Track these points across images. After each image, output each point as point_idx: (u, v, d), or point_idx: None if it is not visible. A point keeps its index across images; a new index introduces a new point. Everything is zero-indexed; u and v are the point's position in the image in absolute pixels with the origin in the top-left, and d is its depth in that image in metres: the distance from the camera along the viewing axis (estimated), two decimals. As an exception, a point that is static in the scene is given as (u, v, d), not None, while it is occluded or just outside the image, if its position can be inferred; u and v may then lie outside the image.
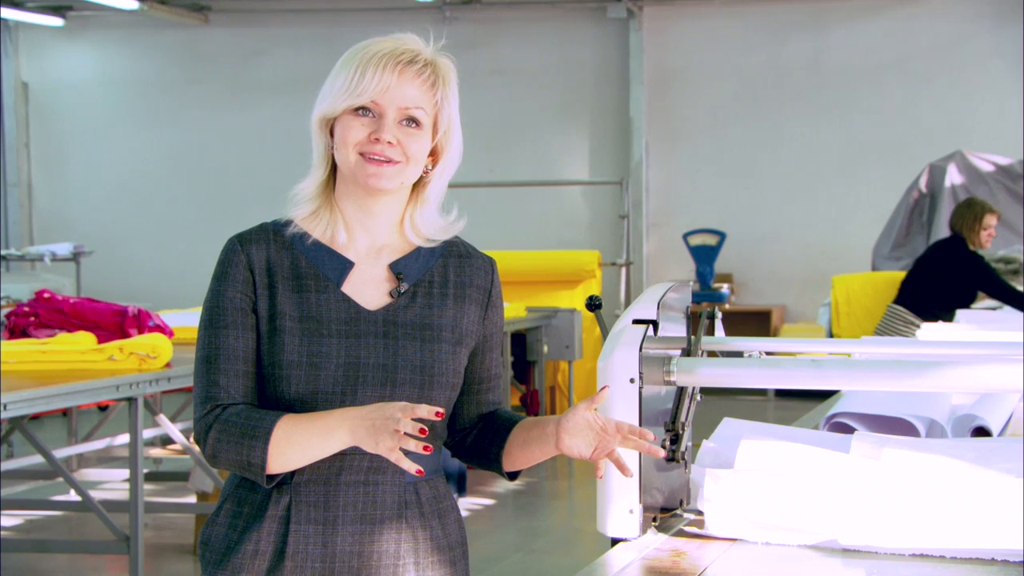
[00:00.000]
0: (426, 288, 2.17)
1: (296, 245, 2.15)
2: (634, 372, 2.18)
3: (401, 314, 2.13)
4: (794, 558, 2.11)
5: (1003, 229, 10.67)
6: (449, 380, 2.13)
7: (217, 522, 2.15)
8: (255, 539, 2.10)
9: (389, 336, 2.11)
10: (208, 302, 2.14)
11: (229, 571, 2.10)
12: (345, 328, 2.10)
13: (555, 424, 2.09)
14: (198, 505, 6.58)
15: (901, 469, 2.17)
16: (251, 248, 2.14)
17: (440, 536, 2.16)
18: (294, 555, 2.08)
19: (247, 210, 14.42)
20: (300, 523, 2.09)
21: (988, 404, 2.99)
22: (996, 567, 2.03)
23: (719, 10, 13.45)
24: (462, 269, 2.21)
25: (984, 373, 2.18)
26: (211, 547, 2.14)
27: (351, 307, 2.12)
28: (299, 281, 2.13)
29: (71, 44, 14.78)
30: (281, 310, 2.10)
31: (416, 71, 2.11)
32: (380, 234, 2.18)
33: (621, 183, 12.57)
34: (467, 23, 13.77)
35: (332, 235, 2.16)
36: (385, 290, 2.15)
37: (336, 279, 2.13)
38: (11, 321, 6.12)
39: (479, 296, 2.21)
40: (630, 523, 2.18)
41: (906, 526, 2.10)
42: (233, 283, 2.12)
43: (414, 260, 2.18)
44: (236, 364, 2.10)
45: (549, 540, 7.14)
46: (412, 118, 2.11)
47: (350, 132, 2.10)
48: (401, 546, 2.12)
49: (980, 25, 12.87)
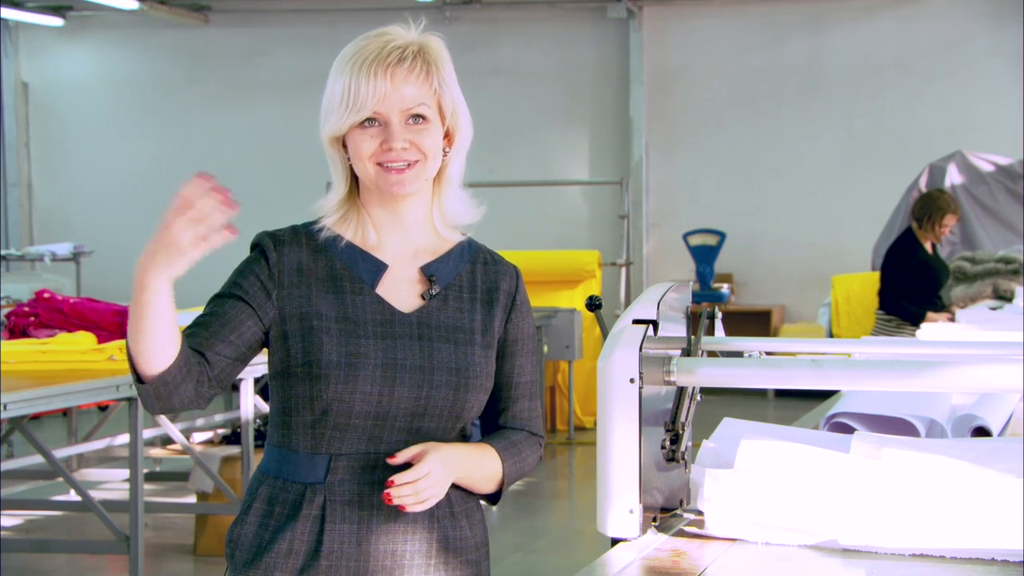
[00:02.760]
0: (456, 292, 2.19)
1: (330, 248, 2.16)
2: (634, 372, 2.18)
3: (434, 316, 2.15)
4: (794, 558, 2.11)
5: (1003, 229, 10.68)
6: (482, 383, 2.16)
7: (246, 521, 2.14)
8: (289, 538, 2.10)
9: (424, 338, 2.13)
10: (233, 273, 2.16)
11: (262, 570, 2.10)
12: (381, 330, 2.12)
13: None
14: (198, 505, 6.59)
15: (901, 469, 2.17)
16: (283, 248, 2.15)
17: (468, 536, 2.18)
18: (329, 554, 2.09)
19: (247, 210, 14.40)
20: (335, 522, 2.09)
21: (988, 404, 2.99)
22: (996, 567, 2.03)
23: (719, 10, 13.45)
24: (488, 274, 2.23)
25: (984, 373, 2.18)
26: (241, 546, 2.14)
27: (385, 309, 2.13)
28: (335, 283, 2.14)
29: (71, 44, 14.78)
30: (317, 311, 2.11)
31: (408, 68, 2.11)
32: (411, 234, 2.19)
33: (621, 183, 12.57)
34: (467, 23, 13.77)
35: (363, 236, 2.18)
36: (417, 292, 2.17)
37: (370, 281, 2.15)
38: (11, 321, 6.12)
39: (505, 300, 2.23)
40: (630, 523, 2.18)
41: (906, 526, 2.10)
42: (256, 277, 2.13)
43: (445, 263, 2.20)
44: (218, 324, 2.09)
45: (549, 540, 7.14)
46: (417, 115, 2.12)
47: (362, 147, 2.11)
48: (433, 545, 2.13)
49: (980, 25, 12.88)
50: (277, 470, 2.14)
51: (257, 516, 2.13)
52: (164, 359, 1.99)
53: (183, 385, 2.03)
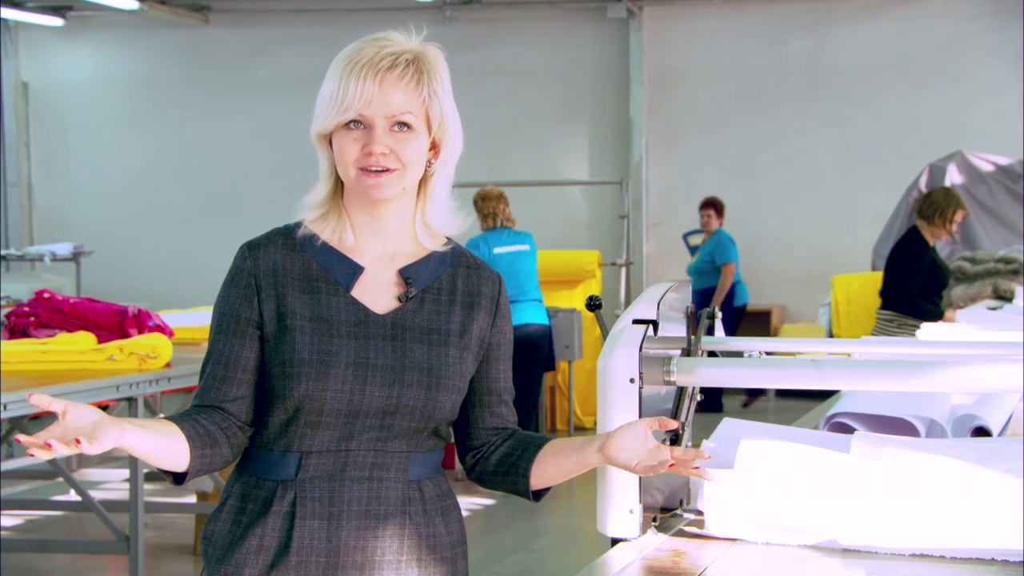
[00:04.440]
0: (435, 295, 2.19)
1: (306, 247, 2.18)
2: (634, 372, 2.18)
3: (410, 318, 2.16)
4: (794, 558, 2.11)
5: (1003, 229, 10.68)
6: (455, 383, 2.16)
7: (220, 518, 2.18)
8: (259, 534, 2.12)
9: (397, 339, 2.14)
10: (215, 306, 2.20)
11: (232, 566, 2.13)
12: (355, 330, 2.13)
13: (606, 434, 2.11)
14: (198, 505, 6.59)
15: (901, 469, 2.17)
16: (259, 252, 2.17)
17: (443, 534, 2.19)
18: (299, 550, 2.11)
19: (247, 210, 14.44)
20: (305, 518, 2.11)
21: (988, 404, 2.99)
22: (996, 567, 2.03)
23: (719, 10, 13.45)
24: (470, 279, 2.23)
25: (984, 373, 2.18)
26: (214, 543, 2.17)
27: (360, 310, 2.15)
28: (310, 283, 2.16)
29: (71, 44, 14.78)
30: (292, 310, 2.13)
31: (398, 75, 2.11)
32: (392, 239, 2.20)
33: (621, 183, 12.57)
34: (467, 23, 13.77)
35: (340, 237, 2.19)
36: (394, 294, 2.18)
37: (346, 283, 2.16)
38: (11, 321, 6.12)
39: (488, 305, 2.23)
40: (630, 523, 2.18)
41: (906, 526, 2.10)
42: (236, 290, 2.17)
43: (424, 267, 2.20)
44: (222, 369, 2.15)
45: (549, 540, 7.14)
46: (402, 123, 2.12)
47: (345, 149, 2.12)
48: (404, 542, 2.14)
49: (980, 25, 12.87)
50: (251, 468, 2.18)
51: (230, 513, 2.16)
52: (182, 460, 2.08)
53: (216, 454, 2.12)
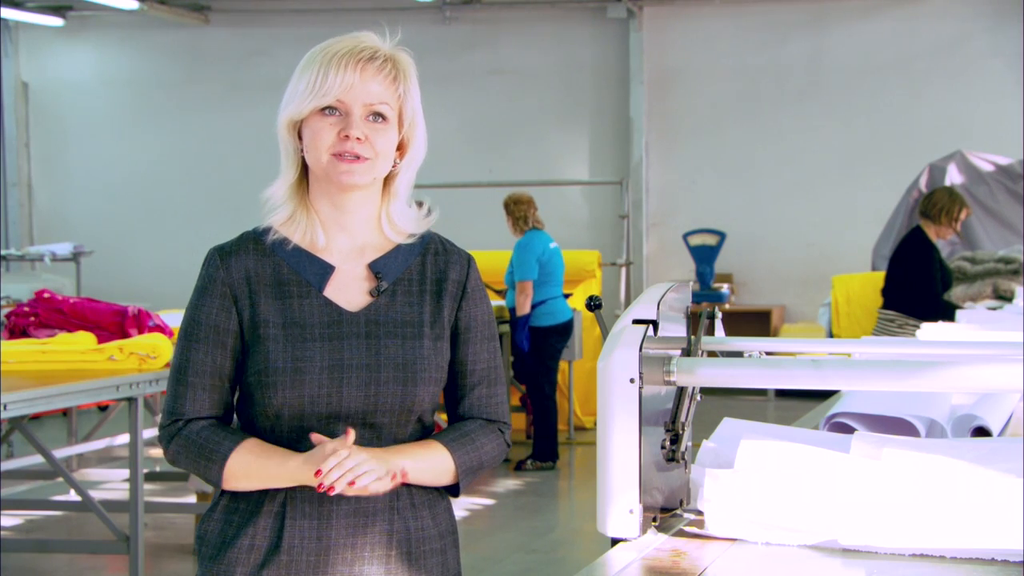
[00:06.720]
0: (405, 286, 2.21)
1: (277, 251, 2.19)
2: (634, 372, 2.18)
3: (383, 313, 2.17)
4: (794, 558, 2.11)
5: (1003, 229, 10.68)
6: (432, 375, 2.17)
7: (213, 518, 2.20)
8: (251, 534, 2.15)
9: (371, 336, 2.15)
10: (186, 313, 2.20)
11: (224, 565, 2.15)
12: (328, 331, 2.14)
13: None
14: (198, 505, 6.59)
15: (901, 469, 2.17)
16: (231, 260, 2.18)
17: (431, 526, 2.21)
18: (289, 548, 2.13)
19: (247, 210, 14.42)
20: (295, 518, 2.14)
21: (988, 404, 2.99)
22: (996, 567, 2.03)
23: (719, 10, 13.45)
24: (437, 264, 2.25)
25: (984, 373, 2.18)
26: (207, 542, 2.20)
27: (333, 310, 2.16)
28: (281, 288, 2.17)
29: (71, 44, 14.78)
30: (264, 318, 2.15)
31: (377, 67, 2.16)
32: (359, 233, 2.21)
33: (621, 183, 12.57)
34: (467, 23, 13.76)
35: (311, 239, 2.20)
36: (366, 290, 2.19)
37: (317, 284, 2.17)
38: (11, 321, 6.12)
39: (454, 289, 2.24)
40: (630, 523, 2.18)
41: (906, 526, 2.10)
42: (210, 298, 2.17)
43: (393, 259, 2.22)
44: (203, 378, 2.16)
45: (549, 540, 7.14)
46: (378, 113, 2.15)
47: (320, 135, 2.15)
48: (393, 538, 2.17)
49: (980, 25, 12.88)
50: None
51: (223, 513, 2.19)
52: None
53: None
